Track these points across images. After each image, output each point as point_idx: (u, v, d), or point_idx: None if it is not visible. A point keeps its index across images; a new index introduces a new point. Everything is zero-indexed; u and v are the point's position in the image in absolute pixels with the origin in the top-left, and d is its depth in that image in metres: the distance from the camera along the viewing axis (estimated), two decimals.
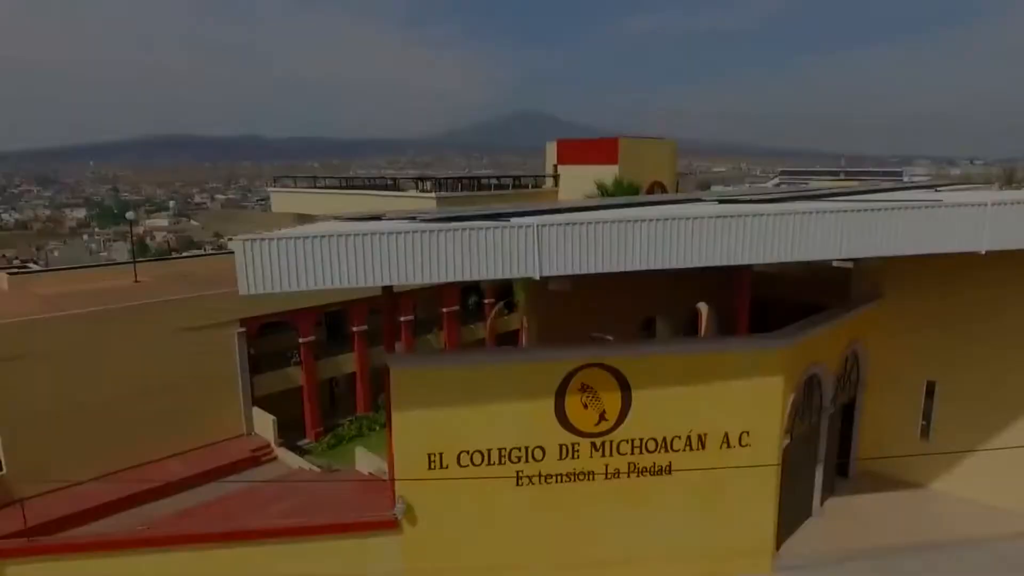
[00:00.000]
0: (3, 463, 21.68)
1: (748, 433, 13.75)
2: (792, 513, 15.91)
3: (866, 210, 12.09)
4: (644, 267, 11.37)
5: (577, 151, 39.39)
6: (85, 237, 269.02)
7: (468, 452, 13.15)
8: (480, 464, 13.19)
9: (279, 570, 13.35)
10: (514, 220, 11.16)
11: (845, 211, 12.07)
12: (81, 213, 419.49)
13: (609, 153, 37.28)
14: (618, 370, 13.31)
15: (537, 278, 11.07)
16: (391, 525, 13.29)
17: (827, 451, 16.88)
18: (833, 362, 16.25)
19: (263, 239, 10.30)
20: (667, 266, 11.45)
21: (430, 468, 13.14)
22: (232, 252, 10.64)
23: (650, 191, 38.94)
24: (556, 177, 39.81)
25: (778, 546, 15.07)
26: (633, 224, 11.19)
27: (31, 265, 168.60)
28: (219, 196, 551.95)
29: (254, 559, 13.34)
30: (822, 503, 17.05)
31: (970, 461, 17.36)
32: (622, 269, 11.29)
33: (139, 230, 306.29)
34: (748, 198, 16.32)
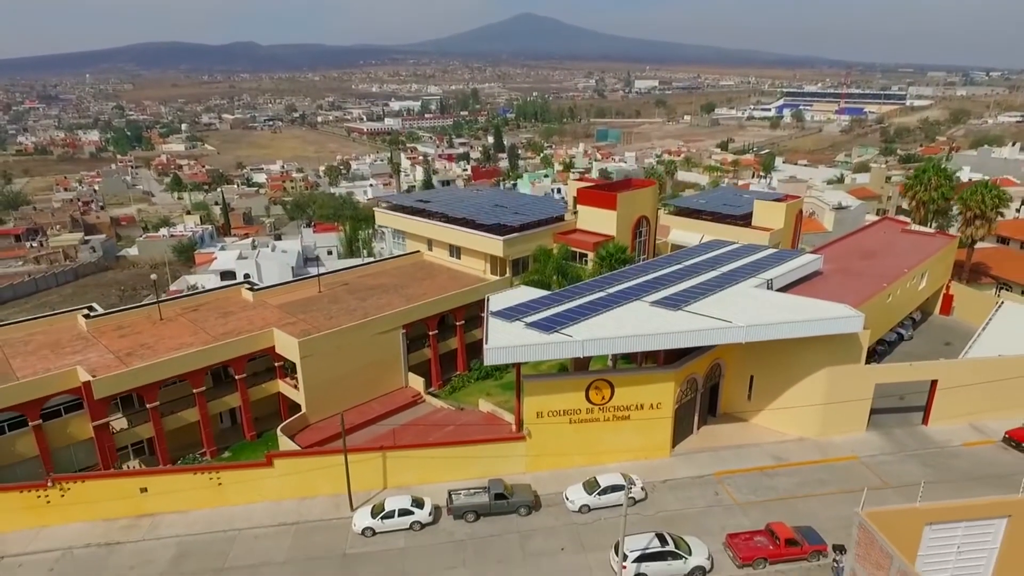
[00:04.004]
0: (304, 406, 43.12)
1: (660, 403, 34.87)
2: (682, 433, 37.41)
3: (701, 329, 32.69)
4: (624, 351, 32.25)
5: (590, 198, 58.62)
6: (113, 166, 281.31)
7: (553, 411, 34.35)
8: (557, 415, 34.41)
9: (476, 453, 34.80)
10: (577, 336, 31.75)
11: (696, 330, 32.66)
12: (94, 135, 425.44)
13: (611, 201, 56.62)
14: (609, 381, 34.31)
15: (582, 356, 31.92)
16: (522, 438, 34.76)
17: (701, 406, 38.20)
18: (703, 370, 37.21)
19: (500, 348, 30.96)
20: (632, 350, 32.40)
21: (537, 417, 34.40)
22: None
23: (637, 224, 58.67)
24: (576, 213, 59.32)
25: (673, 446, 36.64)
26: (619, 339, 31.87)
27: (91, 207, 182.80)
28: (226, 116, 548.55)
29: (465, 452, 34.81)
30: (698, 429, 38.55)
31: (768, 409, 38.65)
32: (617, 352, 32.17)
33: (161, 158, 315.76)
34: (668, 299, 36.60)
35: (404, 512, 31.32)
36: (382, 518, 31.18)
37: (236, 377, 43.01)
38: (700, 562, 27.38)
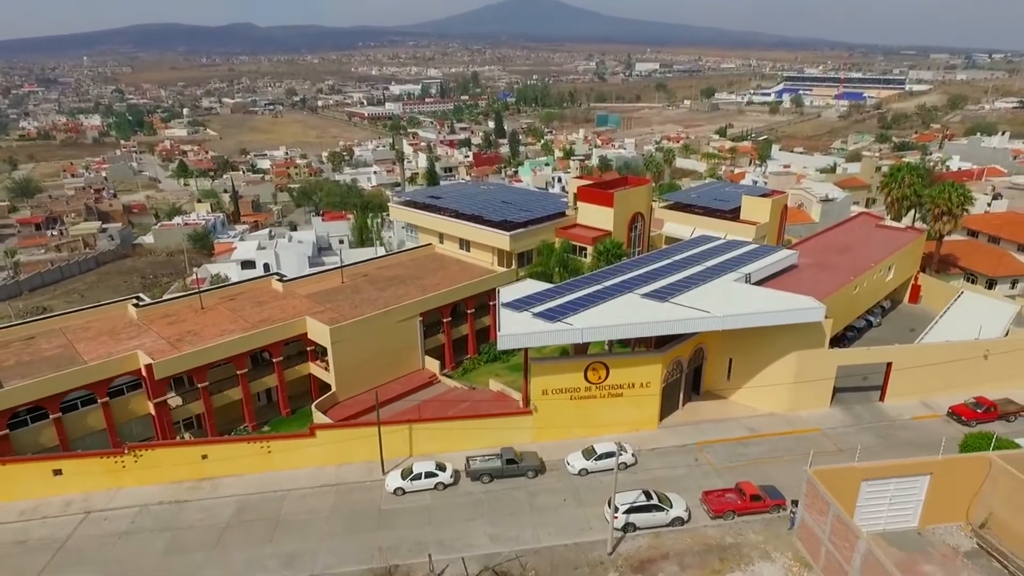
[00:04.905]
0: (334, 385, 48.40)
1: (649, 382, 40.17)
2: (669, 408, 42.76)
3: (684, 319, 37.88)
4: (618, 337, 37.52)
5: (589, 195, 63.47)
6: (117, 152, 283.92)
7: (556, 389, 39.67)
8: (560, 393, 39.73)
9: (490, 425, 40.18)
10: (577, 324, 36.94)
11: (680, 320, 37.86)
12: (96, 120, 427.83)
13: (608, 199, 61.50)
14: (605, 363, 39.58)
15: (581, 342, 37.13)
16: (529, 412, 40.15)
17: (686, 385, 43.50)
18: (687, 353, 42.45)
19: (511, 335, 36.21)
20: (625, 337, 37.68)
21: (542, 394, 39.74)
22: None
23: (633, 219, 63.59)
24: (576, 209, 64.21)
25: (661, 419, 42.01)
26: (614, 327, 37.10)
27: (103, 194, 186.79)
28: (226, 100, 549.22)
29: (480, 424, 40.17)
30: (683, 404, 43.89)
31: (744, 388, 43.97)
32: (612, 338, 37.43)
33: (165, 144, 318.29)
34: (657, 292, 41.74)
35: (429, 475, 36.72)
36: (411, 480, 36.59)
37: (273, 360, 48.25)
38: (679, 513, 32.81)
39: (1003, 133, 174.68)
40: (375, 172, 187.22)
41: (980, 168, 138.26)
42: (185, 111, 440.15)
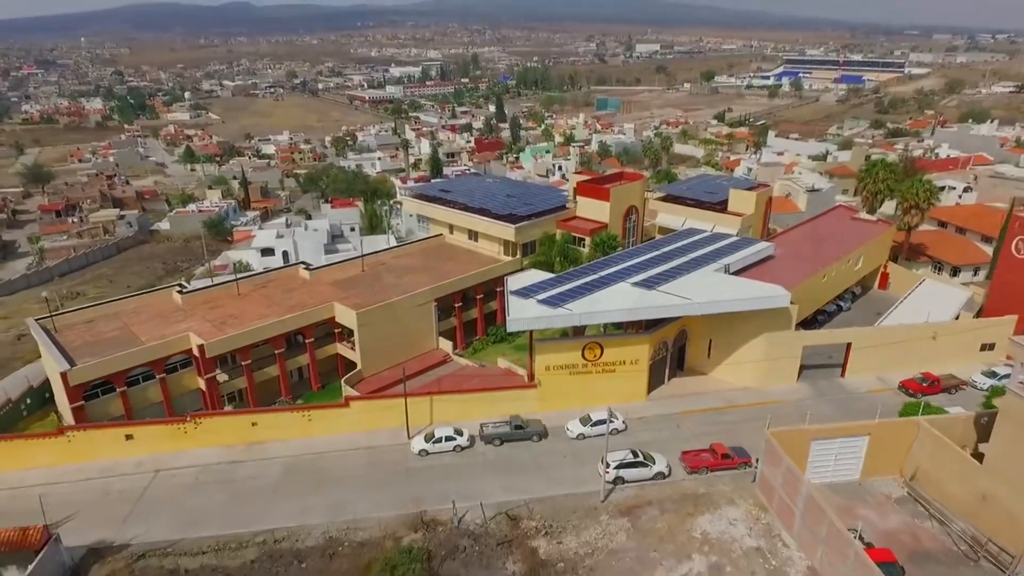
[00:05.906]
0: (359, 363, 54.39)
1: (638, 360, 46.18)
2: (655, 383, 48.85)
3: (668, 305, 43.77)
4: (611, 321, 43.42)
5: (588, 190, 69.04)
6: (122, 137, 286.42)
7: (557, 365, 45.73)
8: (561, 369, 45.77)
9: (499, 397, 46.24)
10: (575, 310, 42.85)
11: (665, 306, 43.74)
12: (97, 103, 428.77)
13: (605, 194, 67.05)
14: (600, 343, 45.57)
15: (579, 325, 43.08)
16: (534, 386, 46.23)
17: (671, 362, 49.52)
18: (672, 335, 48.40)
19: (519, 319, 42.15)
20: (617, 320, 43.57)
21: (545, 370, 45.79)
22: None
23: (627, 213, 69.17)
24: (575, 203, 69.74)
25: (648, 392, 48.10)
26: (607, 312, 43.00)
27: (115, 181, 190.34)
28: (227, 82, 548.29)
29: (492, 396, 46.23)
30: (668, 380, 49.95)
31: (723, 364, 49.97)
32: (606, 322, 43.39)
33: (169, 128, 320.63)
34: (646, 281, 47.59)
35: (449, 439, 42.86)
36: (433, 443, 42.75)
37: (306, 341, 54.21)
38: (661, 469, 38.97)
39: (992, 121, 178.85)
40: (379, 158, 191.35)
41: (966, 156, 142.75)
42: (187, 94, 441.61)
